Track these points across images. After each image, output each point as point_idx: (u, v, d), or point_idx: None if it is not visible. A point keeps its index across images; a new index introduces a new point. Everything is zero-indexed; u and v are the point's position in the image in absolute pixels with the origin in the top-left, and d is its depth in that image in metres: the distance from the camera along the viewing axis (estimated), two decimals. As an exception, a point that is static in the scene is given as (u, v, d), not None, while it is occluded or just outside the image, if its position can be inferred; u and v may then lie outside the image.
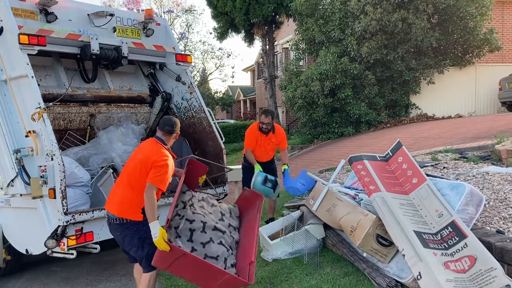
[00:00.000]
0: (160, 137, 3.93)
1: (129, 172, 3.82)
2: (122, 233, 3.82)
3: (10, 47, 4.91)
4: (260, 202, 4.34)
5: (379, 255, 3.99)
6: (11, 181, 4.84)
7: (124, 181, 3.83)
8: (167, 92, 6.61)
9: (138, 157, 3.84)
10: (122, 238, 3.85)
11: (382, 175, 4.39)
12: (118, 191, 3.86)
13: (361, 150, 10.98)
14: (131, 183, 3.78)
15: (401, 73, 14.87)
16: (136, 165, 3.79)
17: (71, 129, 5.85)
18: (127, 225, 3.78)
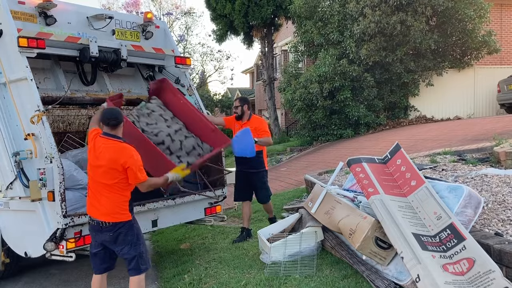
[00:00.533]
0: (109, 132, 3.85)
1: (101, 180, 3.80)
2: (116, 233, 3.82)
3: (9, 50, 4.92)
4: (167, 83, 5.37)
5: (378, 258, 3.99)
6: (10, 184, 4.83)
7: (102, 189, 3.81)
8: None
9: (102, 164, 3.78)
10: (115, 237, 3.83)
11: (380, 177, 4.40)
12: (101, 199, 3.82)
13: (359, 152, 10.99)
14: (110, 189, 3.80)
15: (400, 75, 14.91)
16: (105, 172, 3.77)
17: (70, 131, 5.85)
18: (120, 224, 3.84)
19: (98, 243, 3.94)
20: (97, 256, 3.98)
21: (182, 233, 7.31)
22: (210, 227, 6.95)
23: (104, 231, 3.84)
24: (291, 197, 8.02)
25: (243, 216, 6.26)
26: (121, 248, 3.87)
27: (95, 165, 3.83)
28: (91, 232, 3.99)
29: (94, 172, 3.85)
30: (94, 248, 3.99)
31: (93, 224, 3.89)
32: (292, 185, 9.57)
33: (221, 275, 4.83)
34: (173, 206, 5.58)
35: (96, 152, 3.84)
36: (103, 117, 3.90)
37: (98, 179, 3.83)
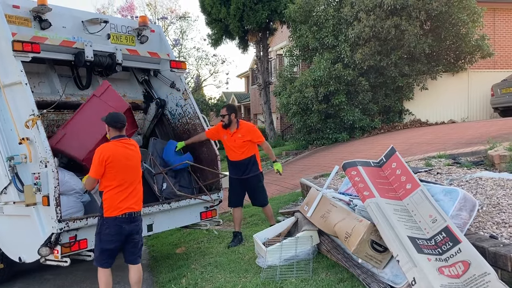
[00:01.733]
0: (122, 134, 4.35)
1: (138, 175, 4.38)
2: (141, 222, 4.41)
3: (3, 54, 4.89)
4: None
5: (374, 261, 3.99)
6: (4, 189, 4.79)
7: (137, 184, 4.34)
8: (161, 98, 6.61)
9: (134, 163, 4.34)
10: (140, 227, 4.37)
11: (376, 181, 4.41)
12: (138, 193, 4.33)
13: (355, 156, 11.02)
14: (140, 180, 4.41)
15: (394, 79, 14.98)
16: (138, 168, 4.40)
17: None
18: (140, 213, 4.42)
19: (122, 237, 4.20)
20: (113, 251, 4.25)
21: (177, 238, 7.29)
22: (206, 231, 6.94)
23: (139, 222, 4.33)
24: (287, 201, 8.02)
25: (235, 221, 6.28)
26: (140, 233, 4.40)
27: (129, 166, 4.24)
28: (117, 227, 4.14)
29: (127, 172, 4.22)
30: (115, 243, 4.20)
31: (134, 216, 4.22)
32: (287, 189, 9.57)
33: (217, 279, 4.81)
34: (169, 210, 5.57)
35: (129, 154, 4.26)
36: (112, 121, 4.28)
37: (134, 177, 4.28)
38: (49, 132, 5.56)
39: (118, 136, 4.29)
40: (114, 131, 4.29)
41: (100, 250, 4.23)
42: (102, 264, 4.22)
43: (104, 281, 4.21)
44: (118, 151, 4.18)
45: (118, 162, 4.15)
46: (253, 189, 6.16)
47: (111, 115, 4.36)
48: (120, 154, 4.18)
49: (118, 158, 4.15)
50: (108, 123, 4.30)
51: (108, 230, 4.14)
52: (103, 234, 4.17)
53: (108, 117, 4.33)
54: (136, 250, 4.33)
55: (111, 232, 4.14)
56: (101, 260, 4.22)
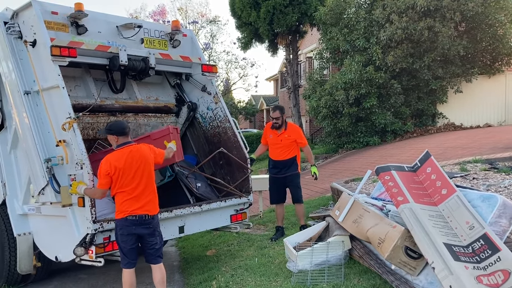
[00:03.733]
0: (127, 140, 4.43)
1: (151, 177, 4.41)
2: (156, 225, 4.43)
3: (42, 58, 5.04)
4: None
5: (408, 268, 3.91)
6: (42, 190, 4.91)
7: (150, 186, 4.37)
8: (192, 102, 6.68)
9: (147, 166, 4.39)
10: (155, 229, 4.39)
11: (410, 186, 4.32)
12: (153, 194, 4.38)
13: (386, 160, 10.83)
14: (154, 182, 4.45)
15: (427, 82, 14.69)
16: (151, 170, 4.42)
17: (100, 138, 5.95)
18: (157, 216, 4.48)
19: (135, 238, 4.28)
20: (131, 252, 4.31)
21: (207, 240, 7.33)
22: (236, 234, 6.95)
23: (156, 222, 4.39)
24: (317, 205, 7.95)
25: (278, 217, 6.60)
26: (159, 234, 4.44)
27: (137, 171, 4.27)
28: (128, 228, 4.23)
29: (135, 178, 4.26)
30: (129, 244, 4.28)
31: (151, 218, 4.31)
32: (317, 193, 9.50)
33: (248, 283, 4.81)
34: (200, 212, 5.61)
35: (138, 157, 4.31)
36: (118, 129, 4.40)
37: (143, 181, 4.30)
38: (84, 134, 5.69)
39: (125, 143, 4.36)
40: (122, 138, 4.37)
41: (120, 252, 4.35)
42: (124, 264, 4.33)
43: (127, 281, 4.32)
44: (124, 159, 4.24)
45: (124, 170, 4.22)
46: (290, 186, 6.48)
47: (115, 123, 4.51)
48: (126, 162, 4.23)
49: (124, 167, 4.22)
50: (116, 133, 4.37)
51: (121, 231, 4.26)
52: (118, 236, 4.32)
53: (113, 127, 4.42)
54: (153, 251, 4.37)
55: (123, 233, 4.25)
56: (122, 260, 4.34)
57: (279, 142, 6.39)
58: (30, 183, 5.21)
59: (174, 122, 6.74)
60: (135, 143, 4.46)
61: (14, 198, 5.48)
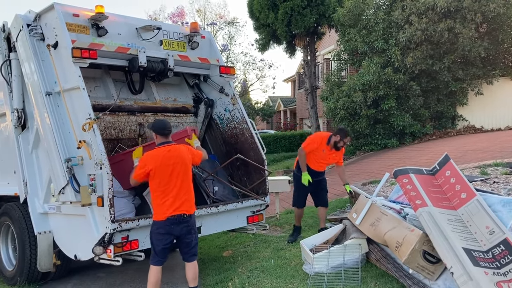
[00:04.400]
0: (169, 140, 4.49)
1: (188, 177, 4.44)
2: (193, 223, 4.47)
3: (64, 60, 5.14)
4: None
5: (426, 272, 3.86)
6: (62, 189, 5.00)
7: (187, 185, 4.41)
8: (209, 98, 6.71)
9: (183, 166, 4.39)
10: (192, 227, 4.43)
11: (428, 189, 4.27)
12: (190, 194, 4.44)
13: (405, 163, 10.72)
14: (191, 183, 4.48)
15: (447, 83, 14.49)
16: (187, 170, 4.43)
17: (122, 138, 5.99)
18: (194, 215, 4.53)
19: (172, 237, 4.34)
20: (164, 250, 4.37)
21: (224, 241, 7.36)
22: (252, 235, 6.96)
23: (192, 222, 4.43)
24: (334, 207, 7.91)
25: (299, 218, 6.66)
26: (194, 233, 4.48)
27: (175, 171, 4.31)
28: (167, 228, 4.28)
29: (173, 177, 4.30)
30: (164, 243, 4.34)
31: (187, 218, 4.35)
32: (334, 195, 9.43)
33: (264, 284, 4.82)
34: (216, 213, 5.63)
35: (174, 156, 4.35)
36: (159, 128, 4.45)
37: (181, 181, 4.34)
38: (106, 134, 5.76)
39: (164, 143, 4.42)
40: (161, 138, 4.45)
41: (152, 248, 4.40)
42: (154, 262, 4.37)
43: (153, 278, 4.36)
44: (162, 158, 4.30)
45: (162, 169, 4.28)
46: (321, 190, 6.52)
47: (157, 122, 4.56)
48: (164, 161, 4.29)
49: (162, 166, 4.28)
50: (155, 131, 4.48)
51: (159, 230, 4.31)
52: (154, 233, 4.36)
53: (155, 125, 4.52)
54: (190, 249, 4.46)
55: (161, 231, 4.30)
56: (153, 258, 4.39)
57: (327, 158, 6.40)
58: (50, 182, 5.30)
59: (193, 122, 6.77)
60: (175, 143, 4.51)
61: (35, 197, 5.58)
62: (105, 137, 5.74)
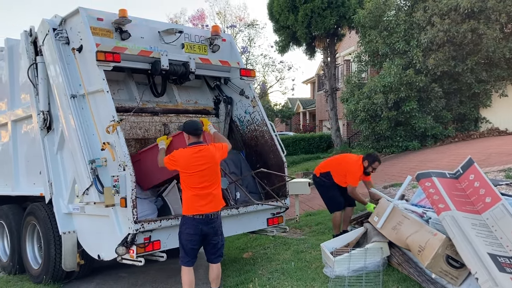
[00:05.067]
0: (200, 141, 4.56)
1: (216, 175, 4.51)
2: (219, 224, 4.50)
3: (88, 63, 5.24)
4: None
5: (449, 277, 3.82)
6: (86, 190, 5.10)
7: (214, 184, 4.46)
8: (228, 96, 6.74)
9: (214, 161, 4.48)
10: (218, 228, 4.47)
11: (452, 193, 4.21)
12: (217, 193, 4.47)
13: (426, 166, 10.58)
14: (219, 181, 4.55)
15: (470, 85, 14.25)
16: (215, 168, 4.50)
17: (148, 138, 6.03)
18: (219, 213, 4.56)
19: (200, 237, 4.38)
20: (193, 251, 4.42)
21: (244, 242, 7.38)
22: (272, 237, 6.97)
23: (220, 221, 4.48)
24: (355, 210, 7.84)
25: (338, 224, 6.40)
26: (221, 233, 4.52)
27: (203, 171, 4.38)
28: (195, 227, 4.33)
29: (201, 177, 4.37)
30: (193, 243, 4.38)
31: (214, 216, 4.40)
32: (355, 197, 9.37)
33: (284, 287, 4.82)
34: (237, 215, 5.66)
35: (202, 157, 4.41)
36: (191, 128, 4.55)
37: (209, 181, 4.40)
38: (132, 134, 5.80)
39: (195, 143, 4.49)
40: (193, 138, 4.53)
41: (181, 249, 4.44)
42: (185, 263, 4.42)
43: (186, 280, 4.42)
44: (191, 158, 4.38)
45: (192, 169, 4.35)
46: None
47: (189, 123, 4.65)
48: (194, 161, 4.36)
49: (193, 166, 4.35)
50: (187, 131, 4.58)
51: (188, 230, 4.36)
52: (183, 234, 4.41)
53: (187, 125, 4.62)
54: (215, 250, 4.49)
55: (190, 231, 4.35)
56: (183, 259, 4.43)
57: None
58: (75, 183, 5.42)
59: (216, 122, 6.78)
60: (205, 144, 4.58)
61: (60, 197, 5.70)
62: (131, 137, 5.77)
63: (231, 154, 6.19)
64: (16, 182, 6.57)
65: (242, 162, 6.37)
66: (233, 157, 6.22)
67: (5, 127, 6.88)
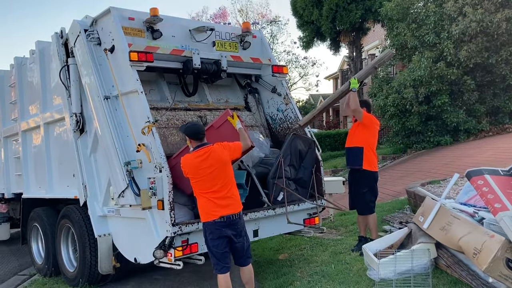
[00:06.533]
0: (204, 143, 4.37)
1: (230, 175, 4.34)
2: (242, 225, 4.36)
3: (120, 64, 5.16)
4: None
5: (510, 282, 3.58)
6: (122, 192, 5.02)
7: (229, 184, 4.29)
8: (253, 87, 6.58)
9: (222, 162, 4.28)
10: (242, 229, 4.32)
11: (507, 191, 3.97)
12: (233, 194, 4.30)
13: (462, 161, 10.24)
14: (234, 181, 4.36)
15: (504, 77, 13.76)
16: (227, 168, 4.31)
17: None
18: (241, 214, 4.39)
19: (225, 240, 4.23)
20: (224, 255, 4.26)
21: (278, 243, 7.22)
22: (307, 238, 6.79)
23: (242, 221, 4.34)
24: (391, 208, 7.62)
25: (358, 225, 6.11)
26: (245, 233, 4.38)
27: (212, 174, 4.21)
28: (217, 231, 4.19)
29: (212, 180, 4.20)
30: (221, 247, 4.23)
31: (237, 217, 4.26)
32: (389, 196, 9.12)
33: (327, 290, 4.65)
34: (273, 216, 5.51)
35: (209, 158, 4.23)
36: (194, 132, 4.35)
37: (221, 182, 4.23)
38: (170, 124, 5.59)
39: (199, 146, 4.30)
40: (195, 142, 4.34)
41: (212, 256, 4.29)
42: (219, 269, 4.26)
43: (224, 286, 4.25)
44: (196, 163, 4.21)
45: (199, 174, 4.21)
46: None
47: (190, 126, 4.42)
48: (199, 166, 4.20)
49: (200, 171, 4.20)
50: (189, 136, 4.37)
51: (211, 236, 4.22)
52: (208, 240, 4.26)
53: (188, 129, 4.39)
54: (242, 253, 4.33)
55: (214, 236, 4.20)
56: (216, 266, 4.28)
57: None
58: (109, 185, 5.36)
59: (251, 114, 6.55)
60: (210, 145, 4.34)
61: (94, 200, 5.65)
62: (171, 125, 5.60)
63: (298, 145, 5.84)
64: (50, 184, 6.56)
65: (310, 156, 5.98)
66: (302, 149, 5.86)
67: (37, 130, 6.89)
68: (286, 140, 5.87)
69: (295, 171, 5.76)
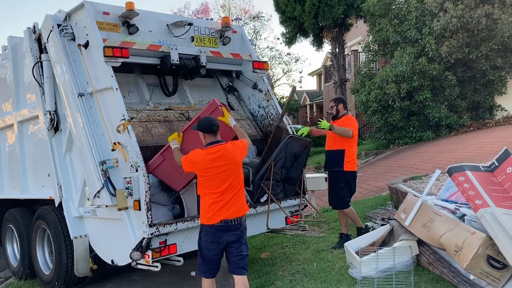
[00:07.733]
0: (218, 140, 4.06)
1: (239, 178, 4.05)
2: (243, 231, 4.05)
3: (95, 60, 4.99)
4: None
5: (490, 279, 3.55)
6: (98, 192, 4.86)
7: (237, 187, 4.00)
8: (229, 85, 6.49)
9: (235, 162, 4.01)
10: (241, 236, 4.02)
11: (488, 187, 3.94)
12: (240, 198, 4.01)
13: (444, 156, 10.30)
14: (242, 184, 4.07)
15: (484, 72, 13.90)
16: (238, 170, 4.03)
17: (171, 120, 5.67)
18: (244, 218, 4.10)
19: (221, 246, 3.96)
20: (214, 261, 4.01)
21: (260, 241, 7.15)
22: (290, 236, 6.72)
23: (244, 227, 4.04)
24: (373, 205, 7.60)
25: (340, 222, 6.11)
26: (245, 241, 4.06)
27: (223, 175, 3.93)
28: (214, 235, 3.92)
29: (221, 181, 3.92)
30: (213, 252, 3.97)
31: (240, 222, 3.98)
32: (372, 192, 9.11)
33: (308, 290, 4.58)
34: (255, 215, 5.40)
35: (220, 162, 3.93)
36: (207, 126, 4.03)
37: (230, 185, 3.95)
38: (156, 116, 5.44)
39: (213, 143, 3.99)
40: (209, 137, 4.02)
41: (200, 258, 4.04)
42: (203, 272, 4.02)
43: None
44: (209, 161, 3.91)
45: (208, 172, 3.91)
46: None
47: (203, 120, 4.10)
48: (210, 164, 3.90)
49: (208, 169, 3.90)
50: (203, 130, 4.03)
51: (206, 238, 3.95)
52: (202, 241, 4.00)
53: (201, 124, 4.06)
54: (239, 260, 3.97)
55: (209, 239, 3.93)
56: (201, 268, 4.04)
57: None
58: (85, 185, 5.19)
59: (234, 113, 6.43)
60: (224, 143, 4.04)
61: (70, 201, 5.47)
62: (156, 119, 5.41)
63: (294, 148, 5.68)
64: (25, 185, 6.35)
65: (304, 157, 5.88)
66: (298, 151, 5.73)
67: (11, 129, 6.66)
68: (281, 143, 5.62)
69: (286, 171, 5.66)
